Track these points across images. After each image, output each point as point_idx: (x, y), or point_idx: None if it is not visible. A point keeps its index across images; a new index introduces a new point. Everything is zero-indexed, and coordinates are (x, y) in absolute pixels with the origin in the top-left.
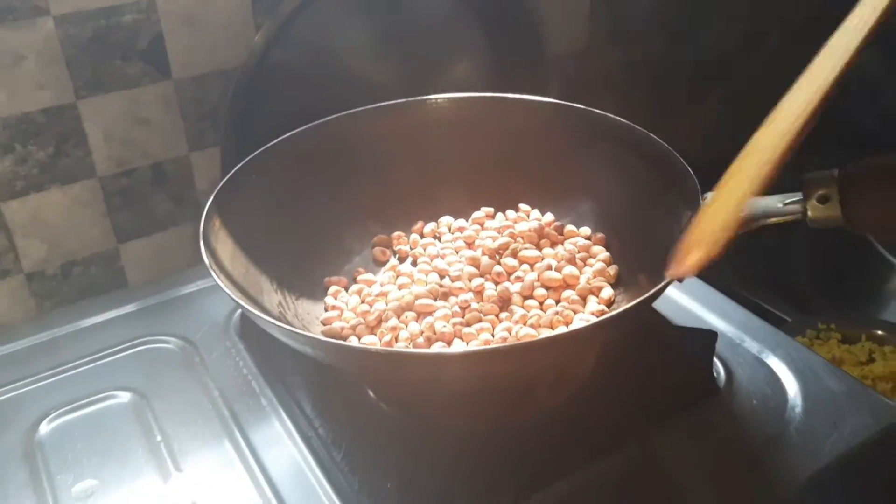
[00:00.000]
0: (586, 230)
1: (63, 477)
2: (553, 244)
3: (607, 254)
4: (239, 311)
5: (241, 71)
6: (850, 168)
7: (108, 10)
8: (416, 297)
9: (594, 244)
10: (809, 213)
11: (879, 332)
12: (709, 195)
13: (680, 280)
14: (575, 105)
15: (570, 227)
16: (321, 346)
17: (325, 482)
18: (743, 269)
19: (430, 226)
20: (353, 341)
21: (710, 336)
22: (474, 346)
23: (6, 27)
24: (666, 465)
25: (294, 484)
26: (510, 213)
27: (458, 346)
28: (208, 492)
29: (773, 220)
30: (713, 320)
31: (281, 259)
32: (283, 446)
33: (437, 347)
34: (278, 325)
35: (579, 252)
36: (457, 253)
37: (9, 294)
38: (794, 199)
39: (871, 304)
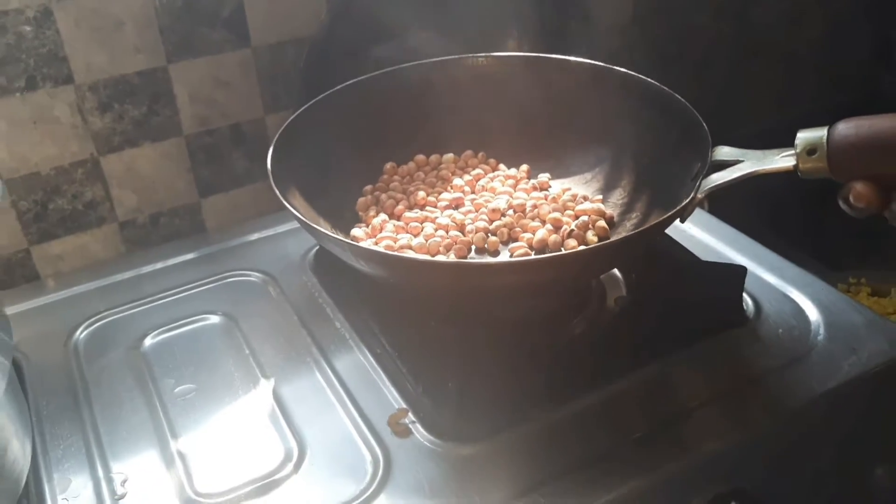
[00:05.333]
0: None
1: (166, 381)
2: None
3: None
4: (313, 249)
5: (312, 40)
6: (837, 124)
7: None
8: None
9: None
10: (799, 164)
11: None
12: (719, 148)
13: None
14: (598, 63)
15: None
16: (374, 257)
17: (392, 388)
18: (774, 227)
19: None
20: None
21: (740, 270)
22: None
23: None
24: (691, 381)
25: (366, 389)
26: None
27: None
28: (291, 395)
29: (769, 169)
30: (743, 261)
31: (332, 196)
32: (355, 359)
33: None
34: (335, 237)
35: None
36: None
37: (103, 240)
38: (788, 152)
39: None
